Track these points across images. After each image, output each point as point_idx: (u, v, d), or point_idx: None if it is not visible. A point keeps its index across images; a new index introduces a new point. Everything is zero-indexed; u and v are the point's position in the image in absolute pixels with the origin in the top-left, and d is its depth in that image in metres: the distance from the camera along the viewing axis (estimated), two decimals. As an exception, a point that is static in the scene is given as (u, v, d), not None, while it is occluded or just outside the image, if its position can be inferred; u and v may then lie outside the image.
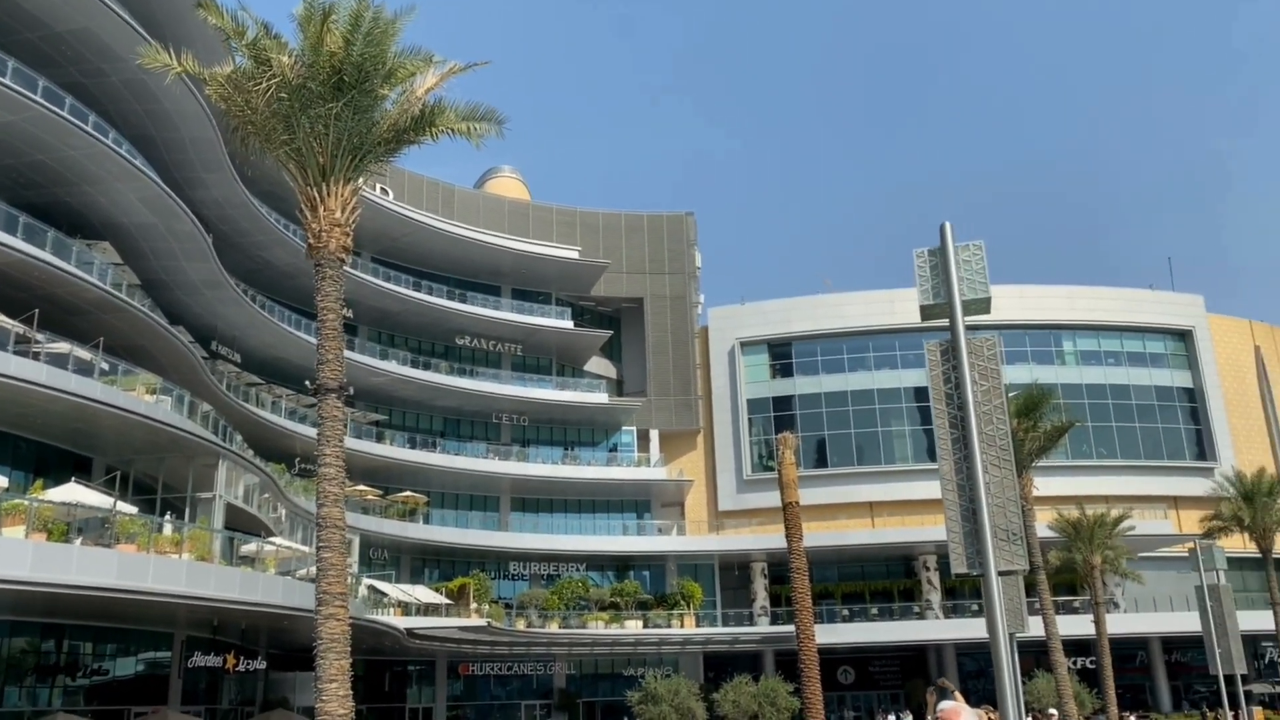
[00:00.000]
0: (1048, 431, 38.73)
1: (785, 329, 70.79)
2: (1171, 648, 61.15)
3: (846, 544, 61.83)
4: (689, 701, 39.59)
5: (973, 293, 10.60)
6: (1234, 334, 76.40)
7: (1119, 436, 69.00)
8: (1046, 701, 38.81)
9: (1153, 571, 57.11)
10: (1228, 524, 49.84)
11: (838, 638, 57.18)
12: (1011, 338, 68.88)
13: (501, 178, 75.53)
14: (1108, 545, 45.11)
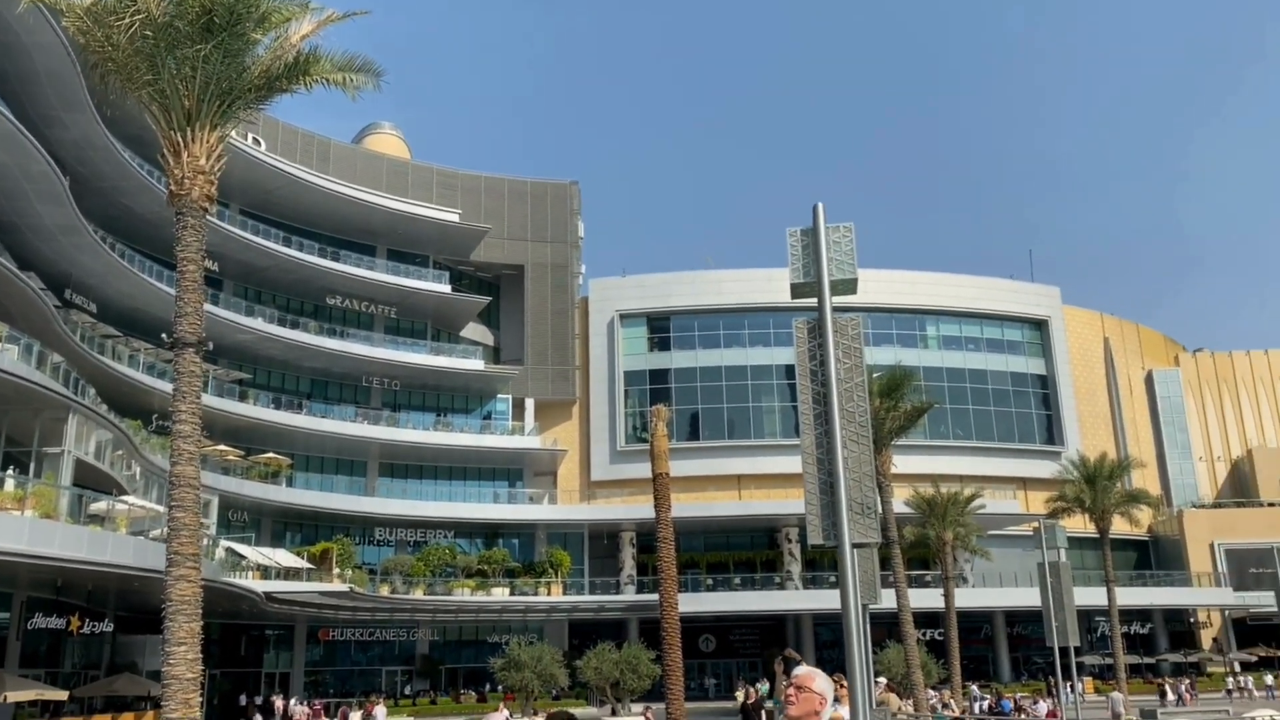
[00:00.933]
0: (908, 412, 40.13)
1: (665, 303, 71.36)
2: (1014, 621, 64.45)
3: (714, 515, 63.04)
4: (552, 668, 39.83)
5: (841, 273, 10.85)
6: (1086, 325, 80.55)
7: (975, 419, 72.07)
8: (896, 671, 40.45)
9: (1000, 549, 60.03)
10: (1070, 505, 52.72)
11: (701, 606, 58.33)
12: (879, 320, 71.05)
13: (381, 134, 73.65)
14: (959, 523, 47.16)
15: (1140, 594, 65.75)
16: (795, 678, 5.19)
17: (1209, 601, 68.62)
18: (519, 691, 42.87)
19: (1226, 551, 70.73)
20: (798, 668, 5.41)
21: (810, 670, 5.27)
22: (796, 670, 5.35)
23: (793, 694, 5.15)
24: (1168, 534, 75.08)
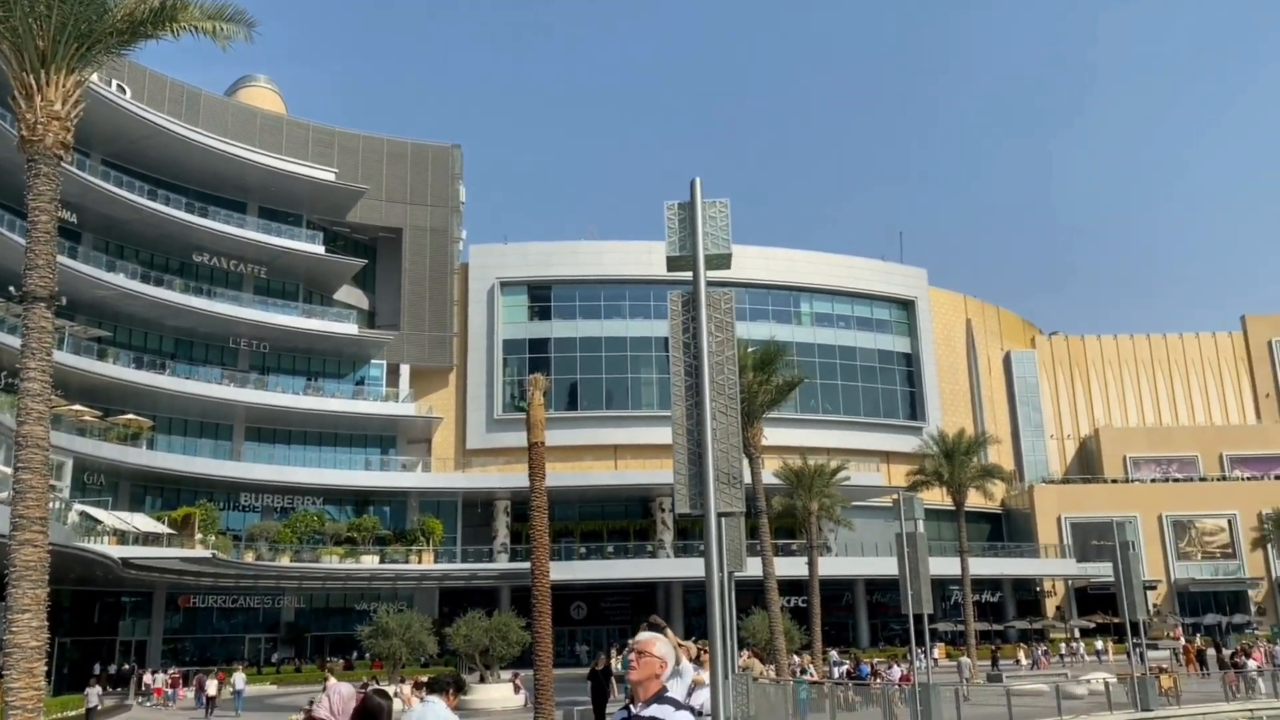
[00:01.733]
0: (780, 386, 41.11)
1: (546, 272, 71.09)
2: (873, 589, 66.98)
3: (589, 484, 63.47)
4: (421, 636, 39.59)
5: (715, 248, 11.05)
6: (950, 307, 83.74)
7: (844, 394, 74.28)
8: (760, 637, 41.61)
9: (863, 519, 62.21)
10: (929, 478, 54.97)
11: (574, 575, 58.77)
12: (757, 296, 72.37)
13: (255, 87, 70.92)
14: (825, 494, 48.67)
15: (992, 564, 69.16)
16: (636, 643, 5.26)
17: (1054, 572, 72.66)
18: (386, 659, 42.51)
19: (1072, 525, 74.94)
20: (640, 633, 5.49)
21: (651, 635, 5.35)
22: (638, 636, 5.42)
23: (634, 659, 5.25)
24: (1019, 507, 79.04)
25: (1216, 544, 76.61)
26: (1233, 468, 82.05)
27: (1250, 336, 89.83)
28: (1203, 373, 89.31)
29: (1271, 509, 72.02)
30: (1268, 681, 37.54)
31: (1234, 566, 75.68)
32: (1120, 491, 78.30)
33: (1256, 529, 73.28)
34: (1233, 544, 76.07)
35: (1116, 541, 35.50)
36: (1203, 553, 76.54)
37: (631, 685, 5.20)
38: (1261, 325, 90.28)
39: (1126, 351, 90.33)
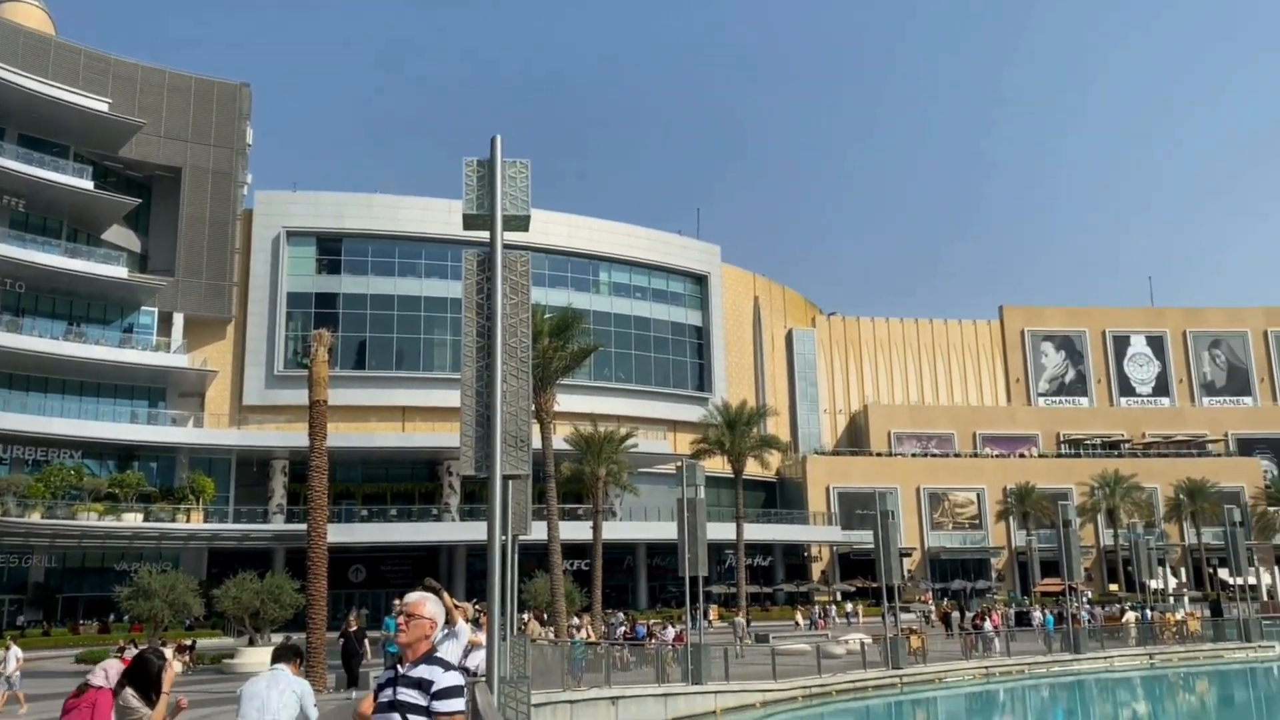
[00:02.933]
0: (575, 352, 41.46)
1: (338, 224, 68.49)
2: (654, 553, 68.87)
3: (375, 446, 62.00)
4: (186, 597, 37.63)
5: (514, 209, 11.02)
6: (740, 284, 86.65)
7: (636, 363, 75.68)
8: (542, 600, 42.05)
9: (648, 485, 63.72)
10: (712, 447, 56.95)
11: (354, 537, 57.43)
12: (557, 263, 72.44)
13: (19, 2, 64.43)
14: (613, 460, 49.56)
15: (765, 530, 72.52)
16: (405, 605, 5.20)
17: (822, 538, 76.96)
18: (147, 622, 40.20)
19: (839, 494, 79.53)
20: (408, 595, 5.41)
21: (420, 596, 5.31)
22: (407, 598, 5.35)
23: (402, 621, 5.21)
24: (792, 477, 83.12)
25: (966, 515, 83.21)
26: (984, 445, 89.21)
27: (1006, 325, 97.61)
28: (963, 357, 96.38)
29: (1015, 484, 78.95)
30: (1002, 642, 41.26)
31: (980, 536, 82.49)
32: (884, 464, 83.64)
33: (1001, 502, 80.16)
34: (980, 516, 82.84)
35: (878, 511, 37.99)
36: (953, 523, 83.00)
37: (401, 647, 5.17)
38: (1016, 315, 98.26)
39: (897, 334, 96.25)
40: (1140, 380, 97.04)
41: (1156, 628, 46.39)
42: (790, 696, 31.17)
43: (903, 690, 34.40)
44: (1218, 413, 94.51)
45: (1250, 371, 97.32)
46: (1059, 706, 35.69)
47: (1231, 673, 42.15)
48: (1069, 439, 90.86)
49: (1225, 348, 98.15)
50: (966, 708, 34.67)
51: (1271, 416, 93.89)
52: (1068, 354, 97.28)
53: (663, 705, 28.07)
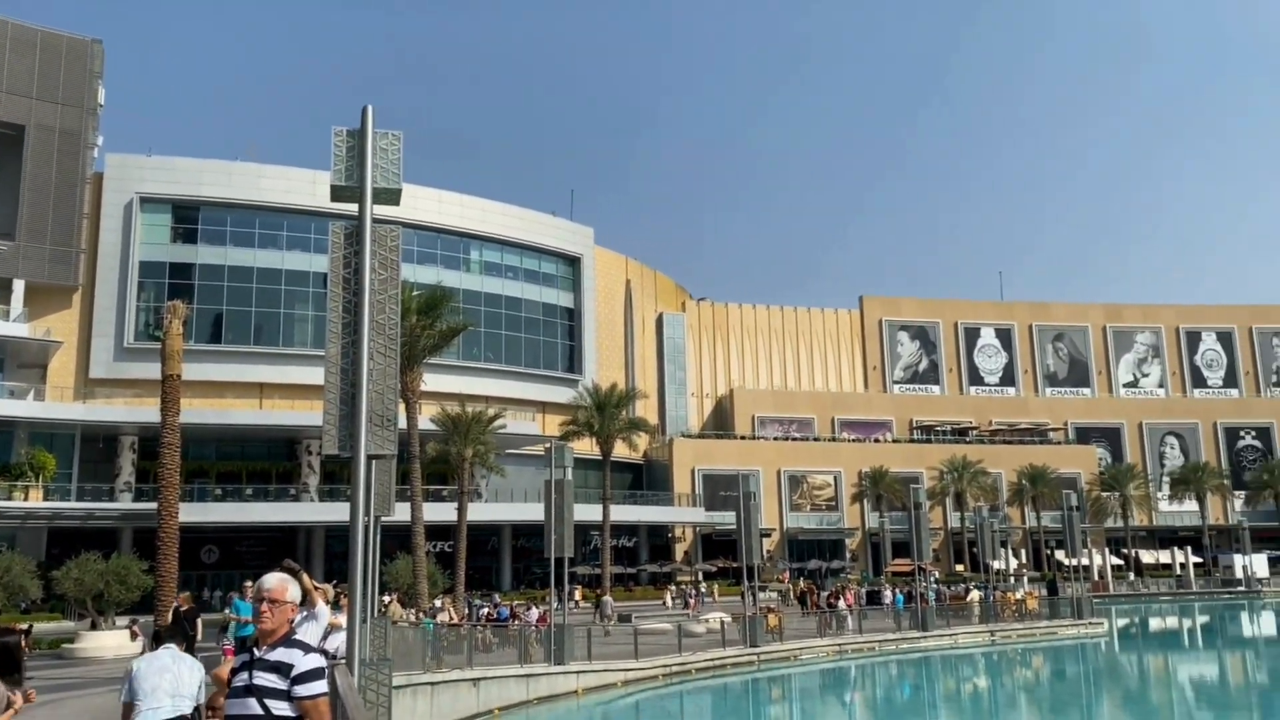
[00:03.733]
0: (444, 331, 40.90)
1: (195, 191, 65.53)
2: (519, 534, 68.66)
3: (231, 423, 59.82)
4: (22, 579, 35.67)
5: (385, 181, 10.76)
6: (613, 267, 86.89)
7: (507, 344, 75.09)
8: (404, 581, 41.47)
9: (516, 466, 63.45)
10: (581, 429, 57.08)
11: (207, 517, 55.40)
12: (426, 239, 71.15)
13: None
14: (481, 441, 49.16)
15: (631, 511, 73.18)
16: (269, 591, 4.96)
17: (686, 519, 78.15)
18: (-22, 606, 37.92)
19: (704, 476, 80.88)
20: (266, 578, 5.17)
21: (282, 580, 5.09)
22: (266, 581, 5.08)
23: (265, 609, 5.01)
24: (659, 459, 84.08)
25: (823, 497, 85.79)
26: (842, 430, 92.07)
27: (865, 315, 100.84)
28: (824, 344, 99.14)
29: (870, 468, 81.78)
30: (855, 620, 42.79)
31: (836, 518, 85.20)
32: (748, 447, 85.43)
33: (857, 485, 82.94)
34: (836, 498, 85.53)
35: (741, 493, 38.81)
36: (811, 505, 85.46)
37: (261, 633, 5.01)
38: (875, 305, 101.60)
39: (763, 320, 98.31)
40: (989, 370, 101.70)
41: (998, 606, 48.91)
42: (652, 675, 31.64)
43: (760, 667, 35.34)
44: (1059, 403, 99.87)
45: (1089, 364, 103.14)
46: (906, 681, 37.25)
47: (1064, 648, 44.80)
48: (921, 425, 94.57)
49: (1067, 341, 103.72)
50: (820, 684, 35.85)
51: (1107, 407, 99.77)
52: (922, 344, 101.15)
53: (525, 686, 28.11)
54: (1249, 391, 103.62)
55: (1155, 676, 40.07)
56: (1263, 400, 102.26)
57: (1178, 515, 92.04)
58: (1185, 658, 47.70)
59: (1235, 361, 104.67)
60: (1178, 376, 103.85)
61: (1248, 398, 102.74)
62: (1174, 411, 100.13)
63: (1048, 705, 32.40)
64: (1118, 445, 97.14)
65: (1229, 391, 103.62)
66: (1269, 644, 52.50)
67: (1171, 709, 31.85)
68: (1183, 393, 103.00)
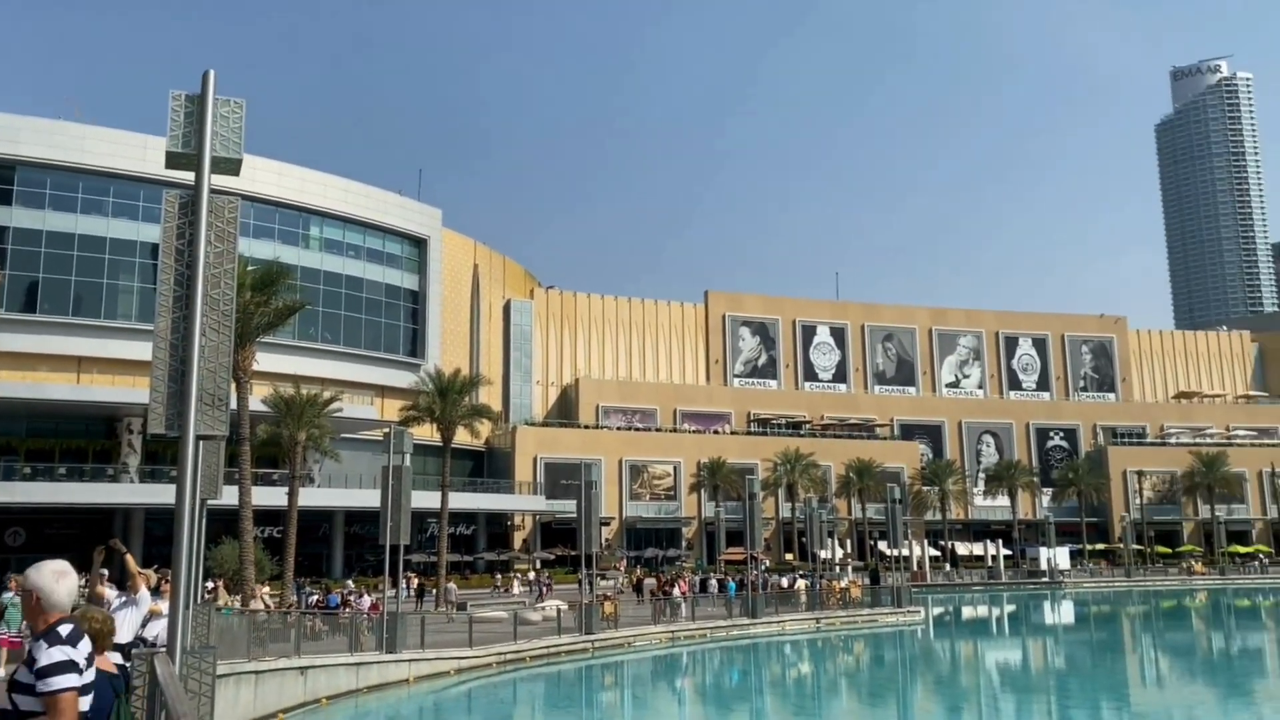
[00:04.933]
0: (279, 309, 39.46)
1: (12, 150, 61.05)
2: (353, 521, 67.00)
3: (43, 398, 56.10)
4: None
5: (225, 150, 10.34)
6: (461, 250, 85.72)
7: (346, 325, 73.07)
8: (229, 567, 39.94)
9: (352, 451, 61.88)
10: (422, 414, 56.08)
11: (14, 496, 51.91)
12: (263, 212, 68.46)
13: None
14: (315, 424, 47.67)
15: (471, 499, 72.51)
16: (24, 580, 4.74)
17: (526, 507, 77.99)
18: None
19: (546, 464, 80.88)
20: (28, 571, 4.91)
21: (33, 569, 4.84)
22: (27, 573, 4.82)
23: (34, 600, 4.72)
24: (501, 446, 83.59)
25: (663, 487, 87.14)
26: (683, 421, 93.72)
27: (710, 309, 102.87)
28: (669, 336, 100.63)
29: (708, 459, 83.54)
30: (688, 607, 43.73)
31: (674, 507, 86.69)
32: (591, 436, 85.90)
33: (695, 475, 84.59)
34: (675, 487, 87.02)
35: (583, 481, 39.07)
36: (651, 494, 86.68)
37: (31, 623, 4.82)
38: (719, 300, 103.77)
39: (610, 311, 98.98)
40: (823, 367, 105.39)
41: (824, 594, 50.87)
42: (486, 663, 31.54)
43: (594, 654, 35.70)
44: (886, 400, 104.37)
45: (915, 364, 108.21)
46: (735, 667, 38.34)
47: (884, 635, 47.00)
48: (758, 418, 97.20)
49: (896, 342, 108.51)
50: (652, 669, 36.49)
51: (930, 405, 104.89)
52: (762, 339, 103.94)
53: (355, 674, 27.58)
54: (1059, 395, 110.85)
55: (965, 661, 42.52)
56: (1071, 403, 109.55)
57: (991, 510, 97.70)
58: (992, 644, 50.79)
59: (1048, 366, 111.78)
60: (996, 379, 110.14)
61: (1058, 401, 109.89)
62: (991, 412, 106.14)
63: (866, 689, 33.95)
64: (939, 442, 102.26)
65: (1041, 394, 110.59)
66: (1067, 631, 56.45)
67: (978, 691, 33.89)
68: (1000, 394, 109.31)
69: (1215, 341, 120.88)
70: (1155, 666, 40.59)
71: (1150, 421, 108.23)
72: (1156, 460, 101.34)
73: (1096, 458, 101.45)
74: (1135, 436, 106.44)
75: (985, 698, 32.39)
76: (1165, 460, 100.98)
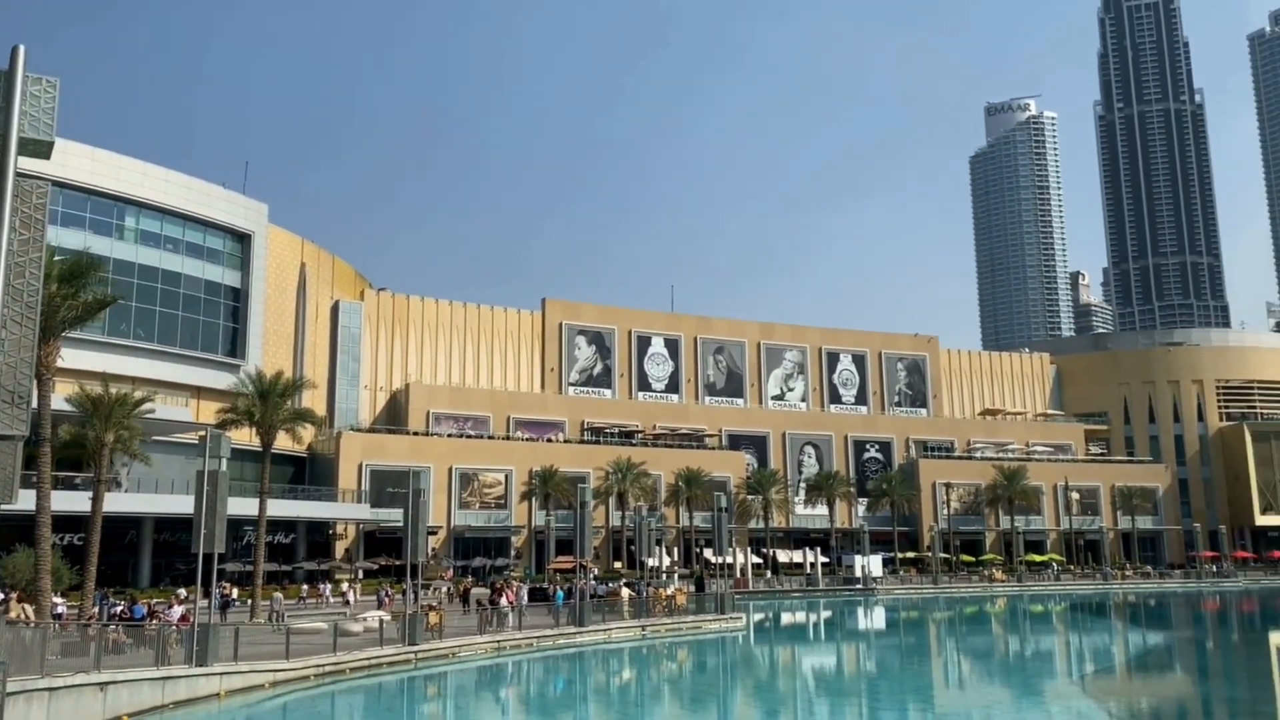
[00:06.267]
0: (88, 303, 37.15)
1: None
2: (163, 528, 63.59)
3: None
4: None
5: (35, 132, 9.77)
6: (288, 248, 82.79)
7: (161, 322, 69.38)
8: (22, 576, 37.24)
9: (164, 455, 58.70)
10: (241, 417, 53.76)
11: None
12: (73, 200, 64.42)
13: None
14: (124, 425, 45.00)
15: (291, 506, 69.95)
16: None
17: (350, 515, 75.82)
18: None
19: (372, 471, 78.92)
20: None
21: None
22: None
23: None
24: (326, 452, 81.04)
25: (493, 495, 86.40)
26: (517, 429, 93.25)
27: (547, 317, 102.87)
28: (505, 343, 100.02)
29: (541, 467, 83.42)
30: (515, 616, 43.52)
31: (504, 516, 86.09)
32: (421, 443, 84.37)
33: (527, 483, 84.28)
34: (506, 496, 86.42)
35: (410, 489, 38.37)
36: (481, 502, 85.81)
37: None
38: (557, 309, 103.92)
39: (445, 315, 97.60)
40: (657, 377, 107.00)
41: (650, 602, 51.57)
42: (303, 676, 30.55)
43: (418, 666, 35.08)
44: (716, 411, 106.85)
45: (744, 377, 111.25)
46: (559, 676, 38.39)
47: (707, 641, 48.04)
48: (592, 426, 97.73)
49: (727, 354, 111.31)
50: (476, 680, 36.13)
51: (757, 417, 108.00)
52: (598, 348, 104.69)
53: (160, 690, 26.22)
54: (876, 409, 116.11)
55: (783, 666, 43.96)
56: (886, 417, 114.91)
57: (811, 518, 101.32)
58: (808, 648, 52.70)
59: (866, 382, 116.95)
60: (818, 392, 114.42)
61: (874, 415, 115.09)
62: (813, 424, 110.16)
63: (688, 695, 34.63)
64: (764, 452, 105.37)
65: (860, 408, 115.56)
66: (878, 635, 59.14)
67: (794, 695, 35.10)
68: (821, 407, 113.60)
69: (1018, 363, 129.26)
70: (957, 668, 43.02)
71: (958, 436, 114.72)
72: (963, 473, 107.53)
73: (909, 470, 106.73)
74: (944, 450, 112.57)
75: (801, 701, 33.57)
76: (971, 473, 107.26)
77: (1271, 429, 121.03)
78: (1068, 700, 32.41)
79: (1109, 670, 42.40)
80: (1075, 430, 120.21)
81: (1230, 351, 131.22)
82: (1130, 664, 44.47)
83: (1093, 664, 44.73)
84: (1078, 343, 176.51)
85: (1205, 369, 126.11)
